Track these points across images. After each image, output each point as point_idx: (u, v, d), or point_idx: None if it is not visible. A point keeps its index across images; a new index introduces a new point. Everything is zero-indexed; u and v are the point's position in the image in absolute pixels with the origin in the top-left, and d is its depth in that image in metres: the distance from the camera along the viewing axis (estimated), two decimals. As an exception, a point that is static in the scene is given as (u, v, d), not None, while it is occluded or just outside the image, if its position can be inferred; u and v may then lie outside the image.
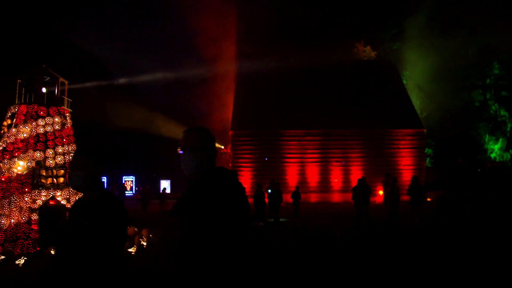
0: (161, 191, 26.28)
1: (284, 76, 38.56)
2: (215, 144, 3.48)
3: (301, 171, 35.31)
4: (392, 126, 36.13)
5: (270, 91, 37.64)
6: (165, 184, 39.86)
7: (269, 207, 22.02)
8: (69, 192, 14.31)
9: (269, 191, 22.49)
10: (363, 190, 20.04)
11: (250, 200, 20.84)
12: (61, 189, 14.16)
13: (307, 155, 35.59)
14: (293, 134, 35.77)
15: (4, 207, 13.40)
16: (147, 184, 33.27)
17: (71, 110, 15.67)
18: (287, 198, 25.08)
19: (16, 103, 14.69)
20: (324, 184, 35.05)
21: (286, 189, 30.61)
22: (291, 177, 34.24)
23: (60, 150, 14.49)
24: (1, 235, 13.13)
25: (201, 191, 3.09)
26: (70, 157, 14.83)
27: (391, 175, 24.81)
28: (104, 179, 45.22)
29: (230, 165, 37.07)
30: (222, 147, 40.71)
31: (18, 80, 14.79)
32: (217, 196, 2.98)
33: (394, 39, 53.73)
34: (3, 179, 13.80)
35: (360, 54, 53.93)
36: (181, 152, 3.32)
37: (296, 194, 23.51)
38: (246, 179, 34.76)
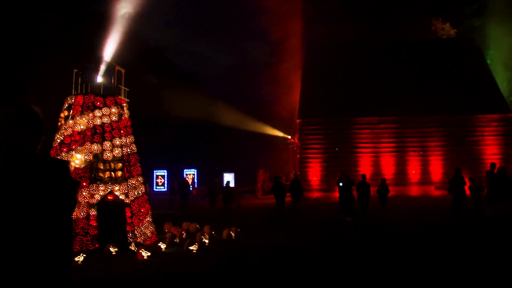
0: (224, 185, 26.34)
1: (356, 58, 37.70)
2: (36, 123, 2.76)
3: (375, 162, 34.46)
4: (475, 111, 34.54)
5: (340, 75, 36.89)
6: (228, 178, 39.96)
7: (340, 201, 21.60)
8: (128, 187, 14.51)
9: (341, 184, 22.02)
10: (461, 182, 18.91)
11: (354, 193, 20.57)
12: (120, 183, 14.37)
13: (381, 145, 34.70)
14: (366, 122, 34.96)
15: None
16: (215, 177, 33.53)
17: (128, 100, 15.87)
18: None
19: (73, 93, 15.02)
20: (400, 176, 34.05)
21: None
22: (364, 169, 33.42)
23: (117, 142, 14.69)
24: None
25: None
26: (128, 150, 15.04)
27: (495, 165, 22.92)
28: (164, 173, 46.16)
29: (298, 156, 36.77)
30: (289, 137, 40.46)
31: (74, 70, 15.09)
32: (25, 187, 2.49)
33: (476, 14, 51.32)
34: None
35: (438, 32, 51.97)
36: None
37: (383, 188, 22.27)
38: (315, 171, 34.36)
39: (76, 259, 11.77)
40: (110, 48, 14.59)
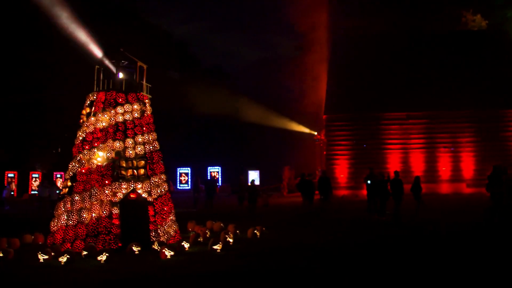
0: (249, 183, 26.27)
1: (383, 51, 37.19)
2: None
3: (404, 159, 33.95)
4: (508, 106, 33.82)
5: (367, 68, 36.39)
6: (253, 176, 39.75)
7: (368, 199, 21.34)
8: (151, 185, 14.51)
9: (369, 182, 21.74)
10: (499, 180, 18.20)
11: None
12: (142, 181, 14.37)
13: (411, 141, 34.19)
14: (394, 117, 34.45)
15: (85, 200, 13.80)
16: (241, 175, 33.45)
17: (150, 96, 15.84)
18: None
19: (95, 90, 15.06)
20: (430, 173, 33.47)
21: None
22: (393, 166, 32.93)
23: (140, 139, 14.68)
24: (83, 230, 13.55)
25: None
26: (151, 147, 15.02)
27: None
28: (188, 170, 46.26)
29: (324, 153, 36.46)
30: (315, 133, 40.15)
31: (96, 66, 15.13)
32: None
33: (508, 5, 50.21)
34: (83, 170, 14.22)
35: (469, 24, 50.96)
36: None
37: (416, 186, 21.58)
38: (342, 168, 34.02)
39: (99, 258, 11.80)
40: (131, 44, 14.59)
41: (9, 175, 35.30)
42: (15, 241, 14.19)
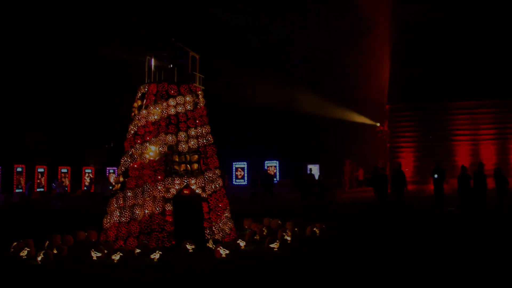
0: (316, 179, 26.06)
1: (451, 36, 36.04)
2: None
3: (474, 151, 32.88)
4: None
5: (433, 55, 35.36)
6: (313, 169, 39.41)
7: (435, 194, 20.83)
8: (205, 180, 14.47)
9: (435, 176, 21.20)
10: None
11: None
12: (196, 177, 14.35)
13: (480, 131, 33.07)
14: (463, 107, 33.43)
15: (138, 196, 13.90)
16: (302, 169, 33.23)
17: (203, 88, 15.80)
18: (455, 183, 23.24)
19: (146, 82, 15.14)
20: (503, 166, 32.18)
21: (457, 172, 28.63)
22: (461, 158, 31.97)
23: (193, 132, 14.67)
24: (136, 227, 13.66)
25: None
26: (205, 141, 14.98)
27: None
28: (244, 165, 46.28)
29: (388, 145, 35.74)
30: (378, 124, 39.37)
31: (147, 57, 15.21)
32: None
33: None
34: (135, 165, 14.33)
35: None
36: None
37: (500, 179, 20.57)
38: (407, 161, 33.20)
39: (152, 256, 11.86)
40: (183, 33, 14.59)
41: (62, 170, 36.23)
42: (68, 238, 14.47)
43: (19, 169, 34.62)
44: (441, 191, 21.43)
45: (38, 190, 35.42)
